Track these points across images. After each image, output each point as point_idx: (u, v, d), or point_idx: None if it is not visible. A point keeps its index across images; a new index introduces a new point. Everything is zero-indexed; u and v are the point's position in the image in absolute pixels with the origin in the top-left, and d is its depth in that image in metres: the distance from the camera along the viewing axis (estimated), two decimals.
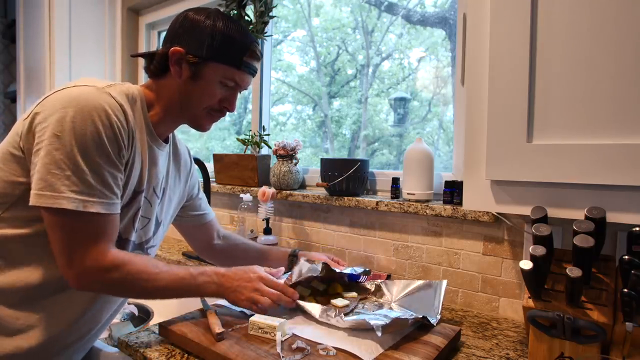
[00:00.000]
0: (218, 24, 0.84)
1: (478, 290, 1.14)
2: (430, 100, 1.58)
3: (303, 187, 1.66)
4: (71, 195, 0.71)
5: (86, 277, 0.75)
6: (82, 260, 0.74)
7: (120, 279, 0.77)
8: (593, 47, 0.70)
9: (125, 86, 0.83)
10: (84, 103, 0.73)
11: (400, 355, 0.75)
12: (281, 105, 2.05)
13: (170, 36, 0.87)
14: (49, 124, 0.71)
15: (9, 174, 0.76)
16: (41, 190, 0.70)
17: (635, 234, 0.71)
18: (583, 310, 0.72)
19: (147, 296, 0.85)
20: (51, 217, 0.72)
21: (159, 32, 2.38)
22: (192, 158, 1.12)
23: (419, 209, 1.19)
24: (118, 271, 0.77)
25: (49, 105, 0.73)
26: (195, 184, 1.13)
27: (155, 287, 0.81)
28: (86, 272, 0.75)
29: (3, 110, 3.02)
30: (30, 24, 2.31)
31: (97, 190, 0.73)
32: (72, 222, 0.73)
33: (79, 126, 0.71)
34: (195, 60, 0.84)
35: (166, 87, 0.88)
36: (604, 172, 0.69)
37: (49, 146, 0.70)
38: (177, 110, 0.89)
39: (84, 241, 0.74)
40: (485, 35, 0.81)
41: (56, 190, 0.70)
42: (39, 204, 0.70)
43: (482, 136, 0.82)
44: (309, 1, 1.87)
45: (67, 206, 0.70)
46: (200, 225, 1.16)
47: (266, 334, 0.81)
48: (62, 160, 0.70)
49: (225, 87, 0.88)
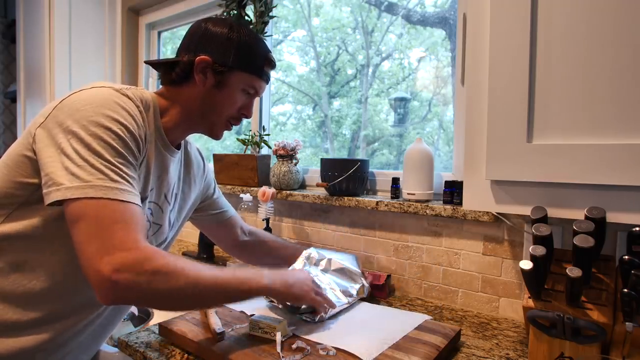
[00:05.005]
0: (242, 35, 0.88)
1: (478, 290, 1.14)
2: (430, 100, 1.58)
3: (303, 187, 1.66)
4: (99, 183, 0.68)
5: (122, 269, 0.64)
6: (116, 250, 0.64)
7: (159, 270, 0.66)
8: (593, 47, 0.70)
9: (139, 91, 0.84)
10: (103, 101, 0.74)
11: (400, 355, 0.75)
12: (281, 105, 2.05)
13: (191, 45, 0.88)
14: (69, 124, 0.71)
15: (18, 174, 0.75)
16: (70, 182, 0.67)
17: (635, 234, 0.71)
18: (583, 310, 0.72)
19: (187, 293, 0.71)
20: (78, 209, 0.67)
21: (159, 32, 2.38)
22: (204, 159, 1.12)
23: (419, 209, 1.19)
24: (156, 260, 0.67)
25: (68, 105, 0.73)
26: (210, 183, 1.14)
27: (198, 280, 0.70)
28: (122, 264, 0.64)
29: (3, 110, 3.02)
30: (30, 24, 2.31)
31: (124, 179, 0.72)
32: (102, 211, 0.67)
33: (98, 122, 0.71)
34: (221, 69, 0.87)
35: (185, 94, 0.89)
36: (604, 172, 0.69)
37: (72, 143, 0.69)
38: (195, 117, 0.90)
39: (116, 230, 0.66)
40: (485, 35, 0.81)
41: (84, 181, 0.67)
42: (67, 197, 0.67)
43: (482, 136, 0.82)
44: (309, 1, 1.87)
45: (96, 194, 0.67)
46: (221, 223, 1.16)
47: (266, 334, 0.81)
48: (86, 153, 0.69)
49: (246, 94, 0.92)
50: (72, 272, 0.79)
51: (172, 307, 0.74)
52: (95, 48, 2.27)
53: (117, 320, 0.95)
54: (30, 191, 0.75)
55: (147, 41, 2.39)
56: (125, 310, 0.97)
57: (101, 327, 0.91)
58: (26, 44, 2.37)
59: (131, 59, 2.36)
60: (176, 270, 0.68)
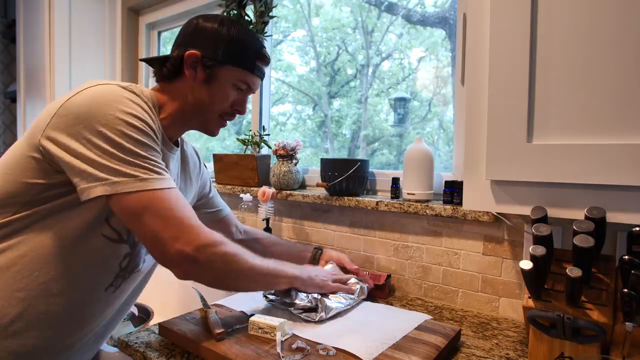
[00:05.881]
0: (232, 30, 0.88)
1: (478, 290, 1.14)
2: (430, 100, 1.58)
3: (303, 187, 1.66)
4: (146, 176, 0.71)
5: (201, 248, 0.73)
6: (190, 232, 0.73)
7: (228, 253, 0.77)
8: (593, 47, 0.70)
9: (139, 88, 0.84)
10: (115, 96, 0.74)
11: (400, 355, 0.75)
12: (281, 105, 2.05)
13: (182, 41, 0.89)
14: (87, 124, 0.70)
15: (23, 175, 0.75)
16: (115, 176, 0.69)
17: (635, 234, 0.71)
18: (583, 310, 0.72)
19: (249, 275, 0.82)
20: (136, 203, 0.70)
21: (159, 32, 2.38)
22: (200, 158, 1.12)
23: (419, 209, 1.19)
24: (224, 245, 0.77)
25: (78, 105, 0.72)
26: (206, 182, 1.14)
27: (254, 264, 0.82)
28: (200, 244, 0.73)
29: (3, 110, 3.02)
30: (30, 24, 2.31)
31: (162, 169, 0.75)
32: (161, 201, 0.72)
33: (117, 118, 0.72)
34: (211, 64, 0.87)
35: (178, 90, 0.89)
36: (604, 172, 0.69)
37: (99, 143, 0.70)
38: (189, 113, 0.91)
39: (182, 215, 0.73)
40: (485, 35, 0.81)
41: (131, 176, 0.70)
42: (118, 191, 0.69)
43: (482, 136, 0.82)
44: (309, 1, 1.87)
45: (147, 186, 0.70)
46: (216, 221, 1.17)
47: (266, 334, 0.81)
48: (116, 150, 0.70)
49: (238, 90, 0.92)
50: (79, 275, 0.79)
51: (233, 286, 0.84)
52: (95, 48, 2.27)
53: (117, 321, 0.95)
54: (36, 191, 0.75)
55: (147, 41, 2.39)
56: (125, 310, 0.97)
57: (103, 328, 0.91)
58: (26, 44, 2.36)
59: (131, 59, 2.36)
60: (240, 255, 0.80)
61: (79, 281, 0.80)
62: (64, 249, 0.77)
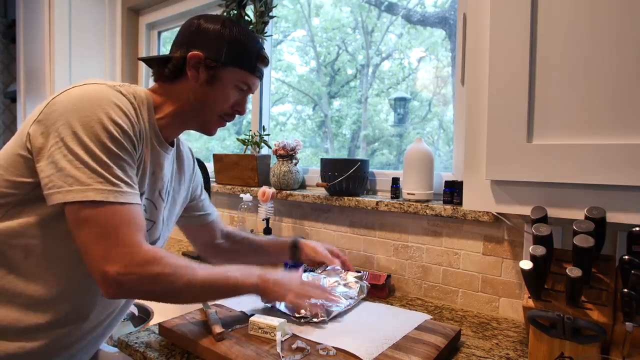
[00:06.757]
0: (234, 31, 0.88)
1: (478, 290, 1.14)
2: (430, 100, 1.58)
3: (303, 187, 1.66)
4: (99, 186, 0.69)
5: (126, 271, 0.69)
6: (120, 252, 0.69)
7: (160, 273, 0.72)
8: (593, 47, 0.70)
9: (132, 88, 0.84)
10: (97, 99, 0.73)
11: (400, 355, 0.75)
12: (281, 105, 2.05)
13: (183, 41, 0.89)
14: (63, 123, 0.70)
15: (13, 174, 0.75)
16: (70, 185, 0.68)
17: (635, 234, 0.71)
18: (583, 310, 0.72)
19: (185, 292, 0.77)
20: (80, 213, 0.69)
21: (159, 32, 2.39)
22: (195, 159, 1.12)
23: (419, 209, 1.19)
24: (157, 264, 0.72)
25: (61, 104, 0.73)
26: (198, 184, 1.14)
27: (194, 280, 0.76)
28: (126, 266, 0.69)
29: (3, 110, 3.02)
30: (30, 24, 2.31)
31: (122, 181, 0.73)
32: (104, 215, 0.70)
33: (94, 121, 0.71)
34: (213, 65, 0.86)
35: (178, 91, 0.89)
36: (604, 172, 0.69)
37: (68, 144, 0.69)
38: (188, 114, 0.90)
39: (119, 233, 0.70)
40: (485, 35, 0.81)
41: (84, 184, 0.68)
42: (68, 200, 0.68)
43: (482, 136, 0.82)
44: (309, 1, 1.87)
45: (96, 197, 0.69)
46: (203, 225, 1.16)
47: (266, 334, 0.81)
48: (84, 155, 0.69)
49: (239, 91, 0.92)
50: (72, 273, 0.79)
51: (171, 302, 0.79)
52: (95, 48, 2.27)
53: (117, 321, 0.95)
54: (26, 190, 0.75)
55: (147, 41, 2.39)
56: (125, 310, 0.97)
57: (103, 328, 0.91)
58: (26, 44, 2.36)
59: (131, 59, 2.36)
60: (174, 273, 0.74)
61: (77, 280, 0.79)
62: (59, 249, 0.76)
